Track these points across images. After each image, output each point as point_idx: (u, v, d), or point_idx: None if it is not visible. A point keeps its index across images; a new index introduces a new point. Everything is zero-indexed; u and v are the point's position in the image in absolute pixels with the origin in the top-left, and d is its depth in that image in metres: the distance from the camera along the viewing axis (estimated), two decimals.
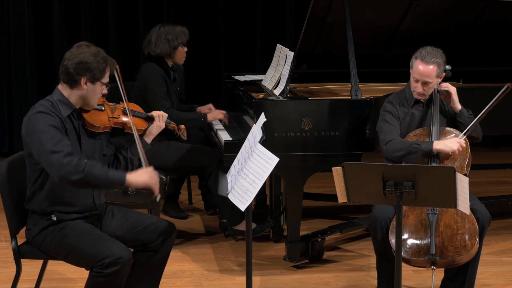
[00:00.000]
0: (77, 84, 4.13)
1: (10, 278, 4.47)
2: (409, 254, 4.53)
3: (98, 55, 4.15)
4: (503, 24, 6.01)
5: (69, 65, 4.13)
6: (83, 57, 4.12)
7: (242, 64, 8.30)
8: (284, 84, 5.47)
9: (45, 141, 4.02)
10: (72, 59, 4.13)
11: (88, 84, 4.14)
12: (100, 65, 4.14)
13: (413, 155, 4.68)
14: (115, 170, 4.23)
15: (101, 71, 4.15)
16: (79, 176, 4.00)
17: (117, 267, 4.05)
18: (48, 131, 4.03)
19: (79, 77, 4.11)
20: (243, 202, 4.12)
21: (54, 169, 4.01)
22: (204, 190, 6.59)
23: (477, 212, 4.61)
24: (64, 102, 4.16)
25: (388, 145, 4.78)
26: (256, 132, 4.26)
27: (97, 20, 8.23)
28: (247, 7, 8.40)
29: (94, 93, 4.17)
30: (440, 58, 4.82)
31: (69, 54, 4.16)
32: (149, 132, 4.43)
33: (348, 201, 4.19)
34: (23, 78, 8.19)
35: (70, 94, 4.16)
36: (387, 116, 4.89)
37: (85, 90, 4.14)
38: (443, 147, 4.68)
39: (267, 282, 5.26)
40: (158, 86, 5.85)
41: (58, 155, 3.99)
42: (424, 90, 4.84)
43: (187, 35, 6.01)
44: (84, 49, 4.16)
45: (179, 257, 5.65)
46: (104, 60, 4.17)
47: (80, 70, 4.11)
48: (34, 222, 4.23)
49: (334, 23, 5.73)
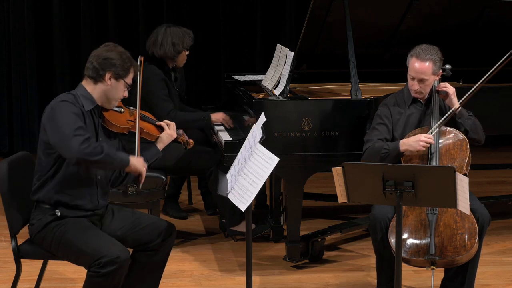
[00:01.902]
0: (102, 79, 4.25)
1: (10, 278, 4.48)
2: (408, 254, 4.53)
3: (124, 54, 4.31)
4: (503, 24, 6.01)
5: (94, 61, 4.26)
6: (109, 54, 4.27)
7: (242, 64, 8.31)
8: (284, 84, 5.47)
9: (66, 126, 4.11)
10: (99, 55, 4.27)
11: (112, 80, 4.25)
12: (125, 64, 4.28)
13: (387, 160, 4.71)
14: (121, 152, 4.33)
15: (125, 70, 4.28)
16: (98, 157, 4.12)
17: (113, 267, 4.06)
18: (70, 117, 4.14)
19: (104, 72, 4.24)
20: (243, 202, 4.12)
21: (73, 151, 4.09)
22: (204, 190, 6.59)
23: (477, 212, 4.61)
24: (87, 97, 4.26)
25: (365, 154, 4.86)
26: (256, 132, 4.26)
27: (97, 20, 8.23)
28: (247, 7, 8.40)
29: (116, 91, 4.28)
30: (436, 55, 4.81)
31: (96, 51, 4.31)
32: (160, 140, 4.51)
33: (348, 201, 4.19)
34: (23, 78, 8.19)
35: (94, 89, 4.27)
36: (375, 121, 4.95)
37: (109, 86, 4.26)
38: (408, 147, 4.70)
39: (267, 282, 5.26)
40: (159, 89, 5.84)
41: (79, 138, 4.09)
42: (421, 88, 4.84)
43: (192, 39, 6.00)
44: (111, 47, 4.32)
45: (179, 257, 5.65)
46: (129, 60, 4.32)
47: (105, 65, 4.24)
48: (38, 217, 4.25)
49: (334, 23, 5.73)
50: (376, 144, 4.82)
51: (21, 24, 8.12)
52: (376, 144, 4.82)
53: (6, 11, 8.11)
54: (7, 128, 8.29)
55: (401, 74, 5.08)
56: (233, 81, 6.38)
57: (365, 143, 4.91)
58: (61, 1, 8.13)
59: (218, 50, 8.46)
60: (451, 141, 4.78)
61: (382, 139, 4.85)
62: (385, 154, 4.73)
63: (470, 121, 4.87)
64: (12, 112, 8.25)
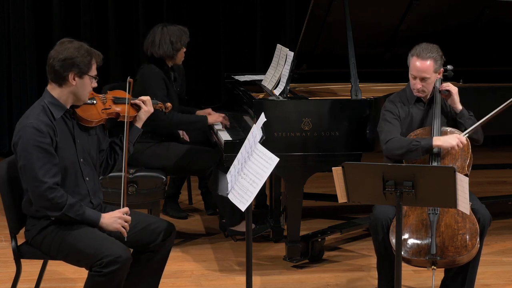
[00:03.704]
0: (66, 81, 4.15)
1: (10, 278, 4.47)
2: (409, 254, 4.53)
3: (81, 49, 4.17)
4: (503, 24, 6.01)
5: (54, 63, 4.14)
6: (67, 53, 4.13)
7: (242, 64, 8.30)
8: (284, 84, 5.47)
9: (33, 166, 4.06)
10: (56, 56, 4.15)
11: (76, 79, 4.15)
12: (85, 58, 4.16)
13: (413, 153, 4.68)
14: (92, 210, 4.22)
15: (87, 65, 4.17)
16: (55, 214, 4.10)
17: (116, 267, 4.05)
18: (38, 154, 4.06)
19: (66, 73, 4.14)
20: (243, 202, 4.12)
21: (34, 197, 4.09)
22: (204, 190, 6.59)
23: (478, 213, 4.61)
24: (55, 104, 4.18)
25: (388, 144, 4.78)
26: (256, 132, 4.26)
27: (97, 20, 8.23)
28: (247, 7, 8.40)
29: (83, 88, 4.19)
30: (436, 53, 4.82)
31: (53, 52, 4.18)
32: (139, 118, 4.47)
33: (348, 201, 4.18)
34: (23, 78, 8.18)
35: (60, 93, 4.18)
36: (387, 115, 4.90)
37: (74, 86, 4.16)
38: (443, 143, 4.68)
39: (267, 282, 5.26)
40: (159, 89, 5.83)
41: (43, 187, 4.04)
42: (424, 86, 4.84)
43: (188, 36, 6.01)
44: (67, 45, 4.18)
45: (179, 257, 5.65)
46: (88, 53, 4.18)
47: (66, 66, 4.13)
48: (32, 223, 4.23)
49: (334, 23, 5.72)
50: (398, 136, 4.77)
51: (21, 24, 8.11)
52: (402, 137, 4.78)
53: (6, 11, 8.10)
54: (7, 128, 8.28)
55: (402, 74, 5.08)
56: (233, 81, 6.38)
57: (383, 133, 4.83)
58: (61, 1, 8.12)
59: (218, 50, 8.46)
60: None
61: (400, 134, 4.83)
62: (415, 146, 4.67)
63: (471, 121, 4.87)
64: (12, 112, 8.24)
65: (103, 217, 4.19)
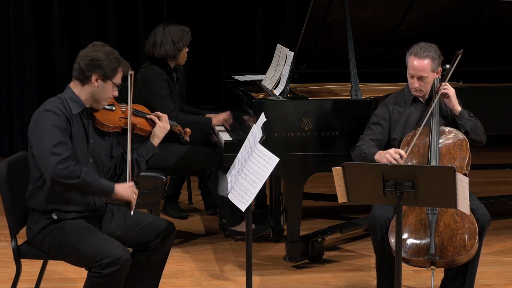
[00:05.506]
0: (88, 81, 4.18)
1: (10, 278, 4.48)
2: (408, 254, 4.53)
3: (111, 55, 4.21)
4: (503, 24, 6.01)
5: (81, 61, 4.18)
6: (96, 55, 4.18)
7: (242, 64, 8.31)
8: (284, 84, 5.47)
9: (46, 141, 4.05)
10: (85, 56, 4.19)
11: (99, 82, 4.18)
12: (112, 64, 4.19)
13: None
14: (105, 180, 4.24)
15: (112, 70, 4.19)
16: (74, 181, 4.05)
17: (115, 268, 4.06)
18: (52, 131, 4.07)
19: (90, 73, 4.17)
20: (243, 202, 4.12)
21: (48, 170, 4.04)
22: (204, 190, 6.59)
23: (477, 212, 4.61)
24: (75, 100, 4.20)
25: (353, 152, 4.88)
26: (256, 132, 4.26)
27: (97, 20, 8.23)
28: (247, 7, 8.40)
29: (104, 92, 4.21)
30: (434, 52, 4.82)
31: (83, 52, 4.23)
32: (154, 135, 4.43)
33: (348, 201, 4.19)
34: (23, 78, 8.18)
35: (81, 91, 4.20)
36: (372, 119, 4.97)
37: (96, 87, 4.18)
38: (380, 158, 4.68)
39: (267, 282, 5.26)
40: (161, 89, 5.83)
41: (56, 157, 4.02)
42: (421, 86, 4.84)
43: (190, 35, 6.00)
44: (98, 47, 4.23)
45: (179, 257, 5.65)
46: (116, 60, 4.22)
47: (91, 66, 4.16)
48: (34, 221, 4.23)
49: (334, 23, 5.73)
50: (365, 144, 4.83)
51: (21, 24, 8.11)
52: (364, 145, 4.83)
53: (6, 11, 8.11)
54: (7, 128, 8.28)
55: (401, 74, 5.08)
56: (233, 81, 6.38)
57: (359, 140, 4.93)
58: (61, 1, 8.12)
59: (218, 50, 8.46)
60: (451, 141, 4.78)
61: (373, 139, 4.86)
62: (363, 158, 4.76)
63: (470, 122, 4.86)
64: (12, 112, 8.24)
65: (117, 187, 4.19)
